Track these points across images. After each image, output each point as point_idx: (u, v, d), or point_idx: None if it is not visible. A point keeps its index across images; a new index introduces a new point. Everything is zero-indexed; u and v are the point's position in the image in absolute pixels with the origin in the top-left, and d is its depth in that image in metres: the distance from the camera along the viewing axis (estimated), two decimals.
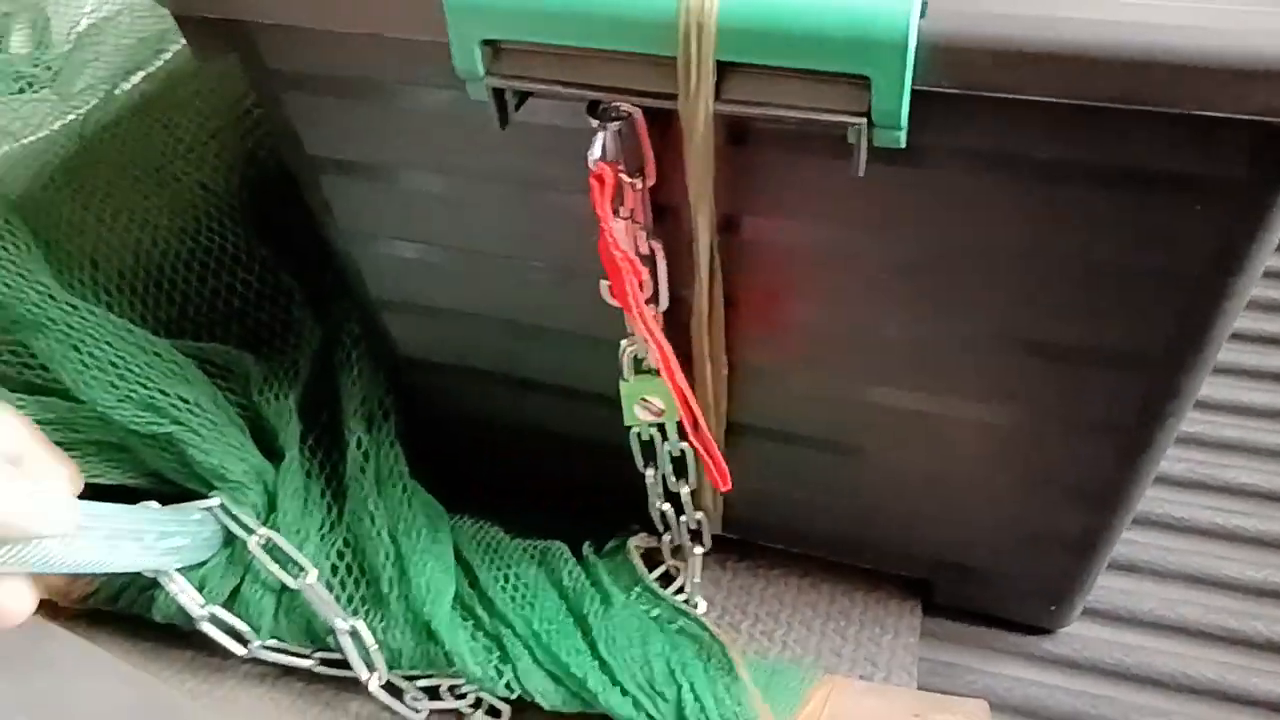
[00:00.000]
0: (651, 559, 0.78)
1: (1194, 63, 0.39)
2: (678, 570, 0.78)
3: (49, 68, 0.99)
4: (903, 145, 0.45)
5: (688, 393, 0.59)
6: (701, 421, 0.62)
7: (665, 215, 0.54)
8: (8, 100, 0.90)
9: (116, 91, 0.86)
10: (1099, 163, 0.47)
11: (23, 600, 0.51)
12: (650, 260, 0.55)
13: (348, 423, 0.74)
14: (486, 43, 0.47)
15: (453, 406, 0.77)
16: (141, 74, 0.89)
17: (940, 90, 0.43)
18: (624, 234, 0.53)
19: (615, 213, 0.52)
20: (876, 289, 0.56)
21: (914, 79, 0.43)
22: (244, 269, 0.76)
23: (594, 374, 0.66)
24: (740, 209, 0.53)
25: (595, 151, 0.48)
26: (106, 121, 0.82)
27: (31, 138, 0.83)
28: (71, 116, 0.85)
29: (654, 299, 0.57)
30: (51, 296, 0.68)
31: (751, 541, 0.80)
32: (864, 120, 0.44)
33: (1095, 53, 0.40)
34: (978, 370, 0.58)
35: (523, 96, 0.50)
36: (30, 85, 0.98)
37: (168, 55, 0.91)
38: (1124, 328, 0.53)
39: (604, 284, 0.55)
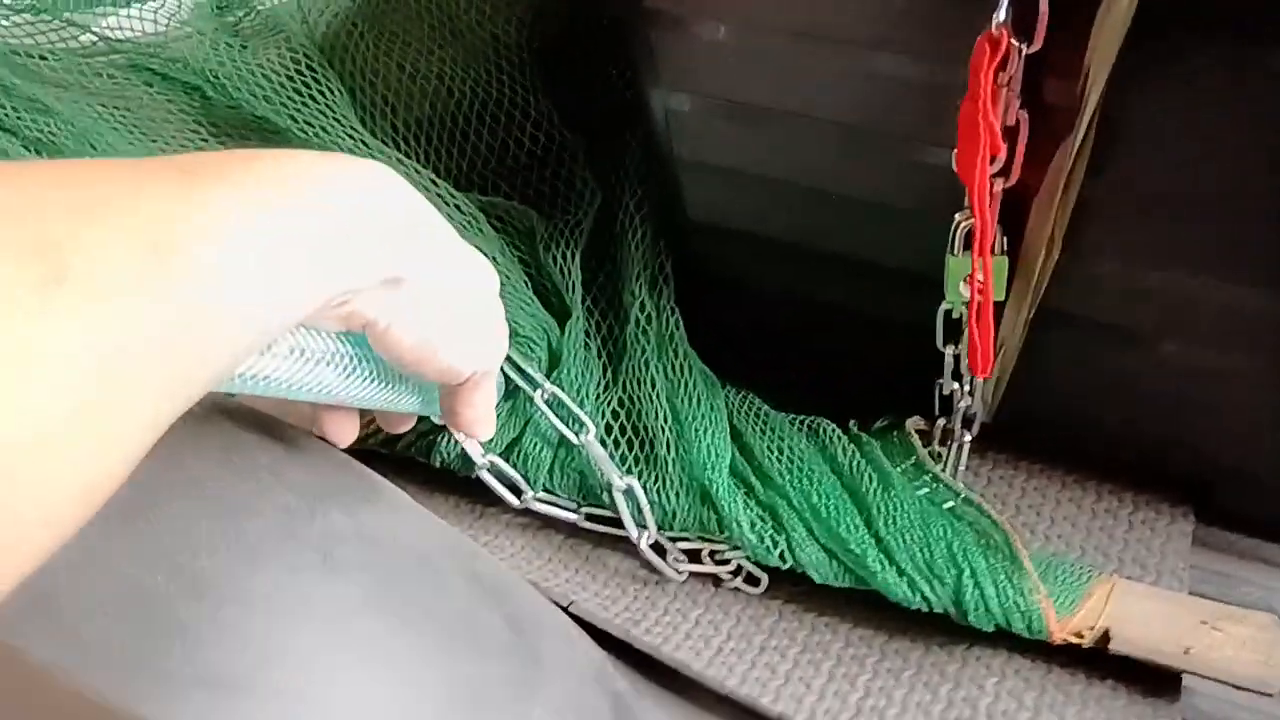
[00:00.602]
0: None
1: None
2: (939, 456, 0.78)
3: None
4: None
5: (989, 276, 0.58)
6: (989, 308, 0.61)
7: (1036, 87, 0.52)
8: None
9: None
10: None
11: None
12: (1012, 132, 0.53)
13: (630, 286, 0.75)
14: None
15: (736, 276, 0.77)
16: None
17: None
18: (999, 102, 0.50)
19: (994, 79, 0.50)
20: (1247, 186, 0.52)
21: None
22: (531, 124, 0.77)
23: (898, 249, 0.64)
24: (1126, 87, 0.50)
25: (1001, 13, 0.46)
26: None
27: None
28: None
29: (1003, 172, 0.55)
30: (363, 142, 0.70)
31: (1019, 433, 0.79)
32: None
33: None
34: None
35: None
36: None
37: None
38: None
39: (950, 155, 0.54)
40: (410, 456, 0.81)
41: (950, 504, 0.72)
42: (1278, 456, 0.69)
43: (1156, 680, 0.67)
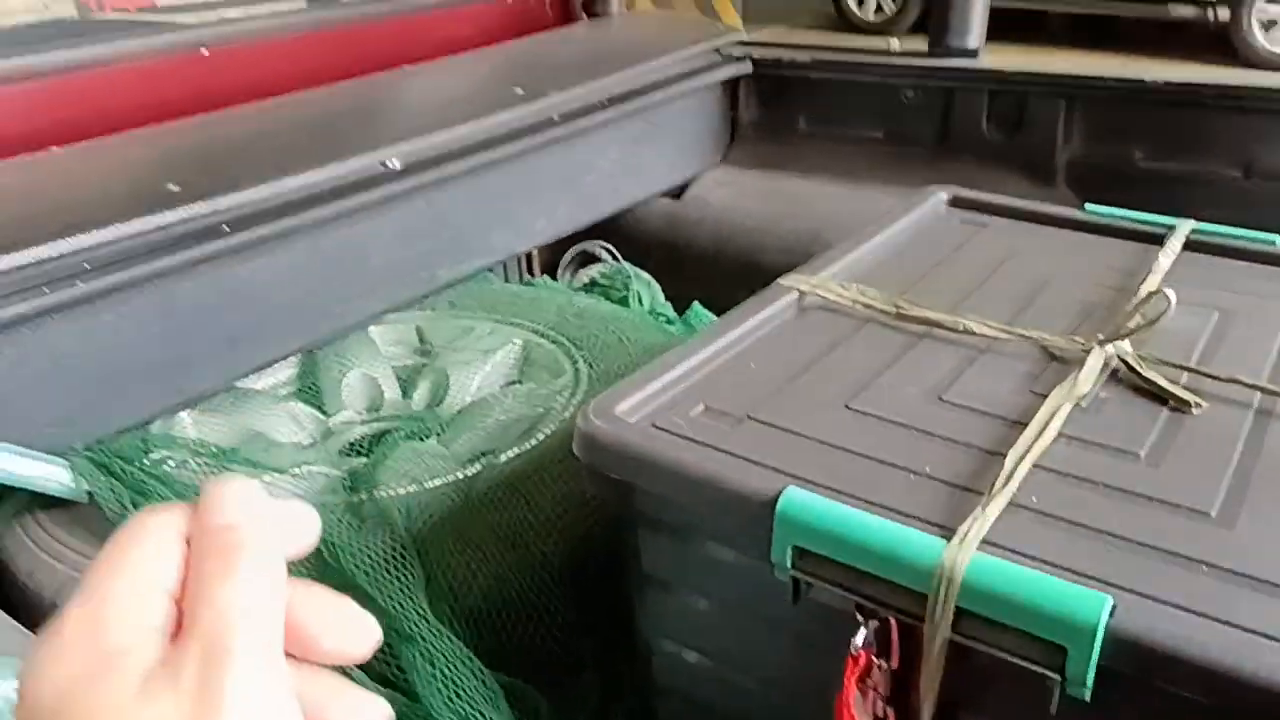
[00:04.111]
0: None
1: None
2: None
3: (441, 426, 1.31)
4: (1087, 699, 0.61)
5: None
6: None
7: (899, 688, 0.71)
8: (414, 448, 1.21)
9: (498, 461, 1.15)
10: None
11: None
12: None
13: None
14: (796, 547, 0.69)
15: None
16: (514, 451, 1.19)
17: (1119, 670, 0.59)
18: (863, 701, 0.70)
19: (863, 679, 0.70)
20: None
21: (1100, 658, 0.59)
22: (556, 626, 0.98)
23: None
24: (958, 699, 0.69)
25: (859, 641, 0.67)
26: (485, 488, 1.10)
27: (429, 484, 1.12)
28: (459, 475, 1.14)
29: None
30: (426, 619, 0.93)
31: None
32: (1059, 676, 0.61)
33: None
34: None
35: (808, 585, 0.71)
36: (423, 435, 1.30)
37: (536, 440, 1.21)
38: None
39: None
40: None
41: None
42: None
43: None
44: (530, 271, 1.98)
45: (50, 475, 1.05)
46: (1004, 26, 2.23)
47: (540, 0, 2.04)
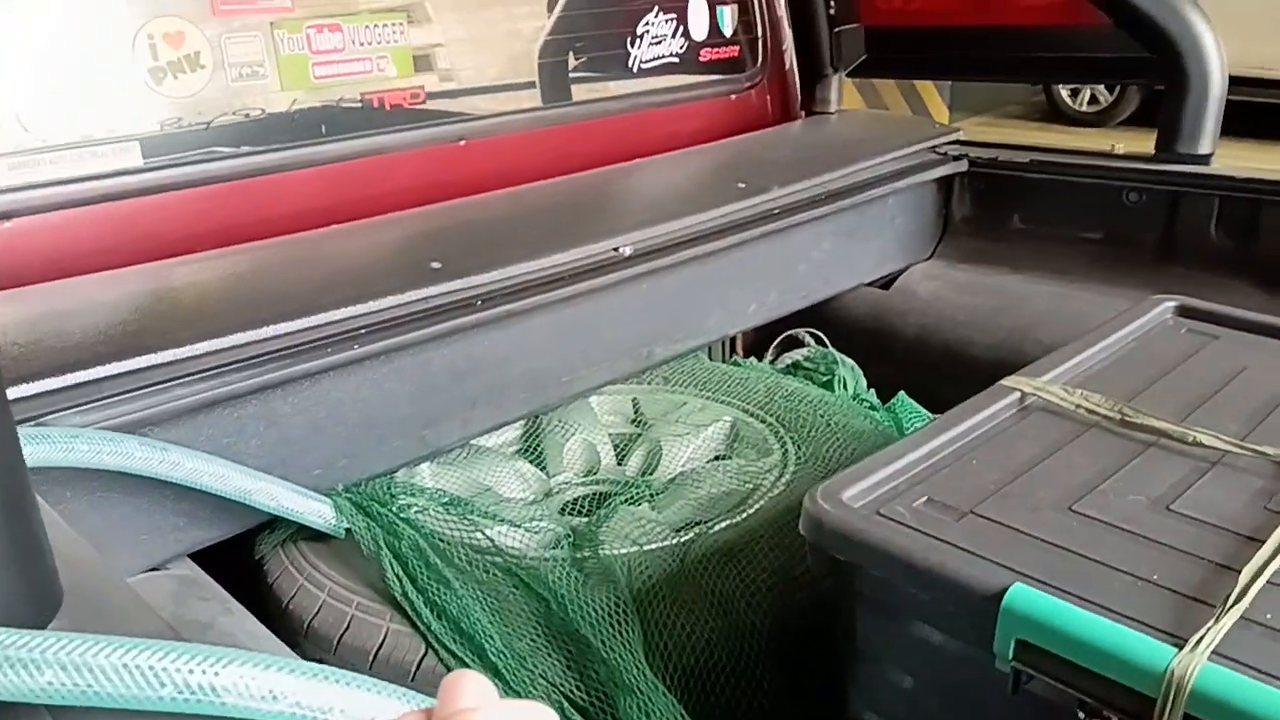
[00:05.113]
0: None
1: None
2: None
3: (653, 493, 1.39)
4: None
5: None
6: None
7: None
8: (632, 513, 1.29)
9: (710, 531, 1.22)
10: None
11: None
12: None
13: None
14: (1019, 640, 0.72)
15: None
16: (726, 523, 1.25)
17: None
18: None
19: None
20: None
21: None
22: (760, 691, 1.03)
23: None
24: None
25: None
26: (699, 555, 1.17)
27: (647, 547, 1.19)
28: (672, 542, 1.21)
29: None
30: (644, 674, 0.99)
31: None
32: None
33: None
34: None
35: (1029, 677, 0.73)
36: (638, 500, 1.38)
37: (746, 514, 1.27)
38: None
39: None
40: None
41: None
42: None
43: None
44: (734, 351, 2.06)
45: (316, 511, 1.19)
46: (1237, 122, 2.15)
47: (763, 99, 2.15)
